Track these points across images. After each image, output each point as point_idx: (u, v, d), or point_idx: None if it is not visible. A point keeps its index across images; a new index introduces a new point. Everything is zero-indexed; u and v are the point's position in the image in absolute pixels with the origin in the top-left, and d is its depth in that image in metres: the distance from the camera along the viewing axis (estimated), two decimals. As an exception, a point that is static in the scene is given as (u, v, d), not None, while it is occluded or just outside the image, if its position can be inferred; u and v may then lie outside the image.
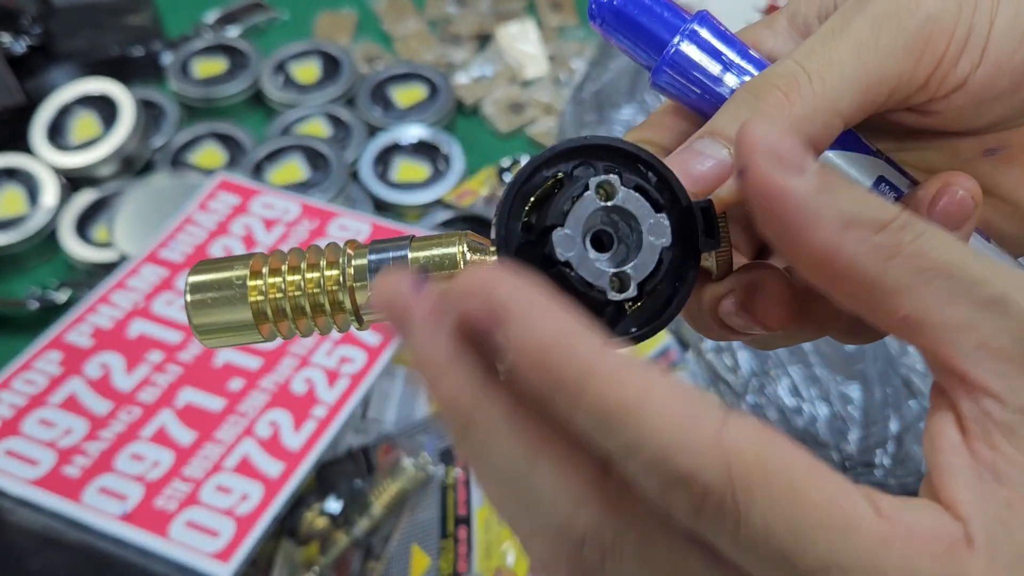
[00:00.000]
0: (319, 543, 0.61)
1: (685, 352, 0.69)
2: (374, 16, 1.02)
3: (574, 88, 0.84)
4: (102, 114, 0.87)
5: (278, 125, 0.89)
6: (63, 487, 0.59)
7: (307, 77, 0.93)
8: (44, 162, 0.84)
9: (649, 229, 0.24)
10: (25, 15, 0.95)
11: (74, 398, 0.64)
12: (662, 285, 0.25)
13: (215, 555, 0.56)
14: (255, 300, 0.26)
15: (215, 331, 0.26)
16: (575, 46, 0.96)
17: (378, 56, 0.97)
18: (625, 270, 0.24)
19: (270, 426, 0.62)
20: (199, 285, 0.26)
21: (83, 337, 0.67)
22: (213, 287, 0.26)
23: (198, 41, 0.97)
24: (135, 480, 0.59)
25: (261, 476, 0.60)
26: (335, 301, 0.26)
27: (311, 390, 0.64)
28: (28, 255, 0.81)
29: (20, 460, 0.60)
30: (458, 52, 0.97)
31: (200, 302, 0.26)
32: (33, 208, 0.82)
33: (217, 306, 0.26)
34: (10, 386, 0.64)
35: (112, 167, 0.85)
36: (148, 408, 0.63)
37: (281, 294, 0.26)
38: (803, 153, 0.21)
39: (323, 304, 0.26)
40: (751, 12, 0.94)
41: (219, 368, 0.65)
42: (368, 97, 0.91)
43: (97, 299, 0.69)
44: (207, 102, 0.92)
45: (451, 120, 0.90)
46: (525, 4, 1.01)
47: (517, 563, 0.60)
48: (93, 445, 0.61)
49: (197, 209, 0.75)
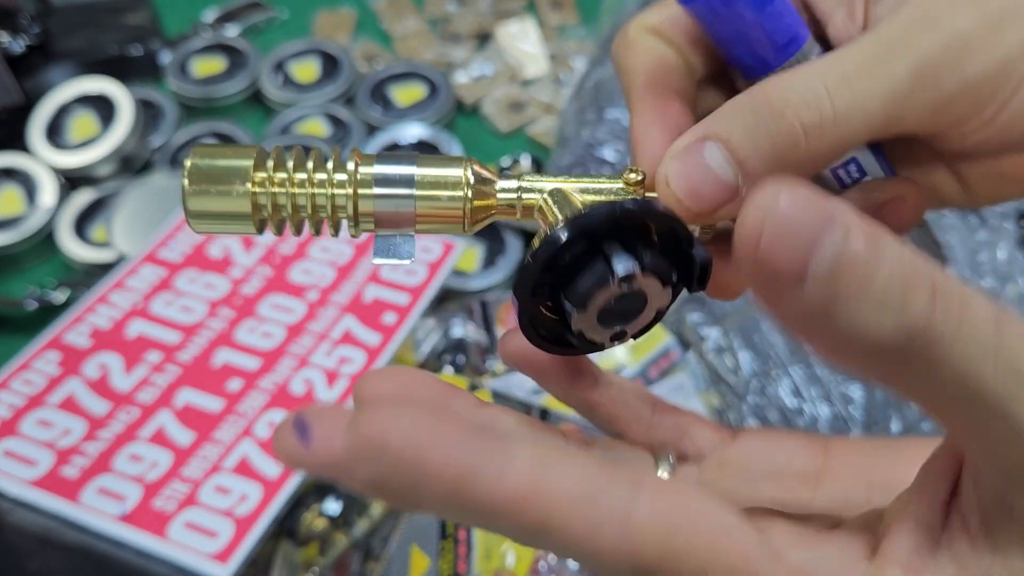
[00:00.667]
0: (318, 544, 0.61)
1: (686, 352, 0.69)
2: (373, 15, 1.01)
3: (574, 87, 0.83)
4: (100, 113, 0.87)
5: (277, 124, 0.88)
6: (61, 488, 0.59)
7: (306, 76, 0.93)
8: (42, 161, 0.84)
9: (654, 297, 0.25)
10: (23, 14, 0.95)
11: (72, 398, 0.63)
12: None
13: (214, 556, 0.56)
14: (255, 192, 0.26)
15: (208, 218, 0.26)
16: (575, 45, 0.96)
17: (377, 55, 0.97)
18: (624, 328, 0.26)
19: (269, 427, 0.62)
20: (198, 171, 0.26)
21: (81, 337, 0.67)
22: (213, 176, 0.26)
23: (197, 40, 0.96)
24: (134, 481, 0.59)
25: (260, 477, 0.59)
26: (336, 205, 0.26)
27: (310, 390, 0.64)
28: (26, 255, 0.81)
29: (18, 460, 0.60)
30: (458, 51, 0.96)
31: (198, 190, 0.26)
32: (31, 208, 0.82)
33: (215, 196, 0.26)
34: (8, 386, 0.64)
35: (111, 167, 0.85)
36: (147, 408, 0.63)
37: (283, 190, 0.26)
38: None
39: (324, 205, 0.26)
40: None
41: (218, 369, 0.65)
42: (367, 96, 0.91)
43: (96, 299, 0.69)
44: (206, 101, 0.92)
45: (451, 119, 0.90)
46: (525, 3, 1.00)
47: (517, 564, 0.60)
48: (91, 445, 0.61)
49: (196, 209, 0.75)
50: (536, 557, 0.58)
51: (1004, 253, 0.65)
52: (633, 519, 0.19)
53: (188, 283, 0.70)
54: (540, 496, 0.19)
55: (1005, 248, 0.65)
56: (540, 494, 0.19)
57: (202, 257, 0.72)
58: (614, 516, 0.19)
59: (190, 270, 0.71)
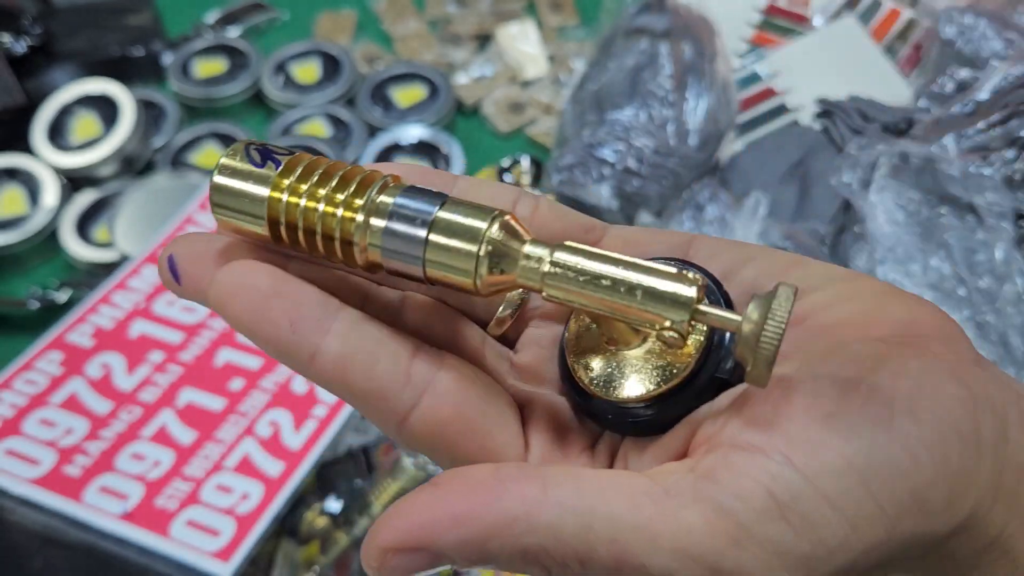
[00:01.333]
0: (319, 542, 0.61)
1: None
2: (374, 16, 1.02)
3: (573, 88, 0.84)
4: (102, 114, 0.87)
5: (278, 125, 0.89)
6: (64, 486, 0.59)
7: (307, 77, 0.93)
8: (45, 162, 0.84)
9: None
10: (25, 15, 0.95)
11: (75, 398, 0.64)
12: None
13: (216, 554, 0.56)
14: (272, 197, 0.24)
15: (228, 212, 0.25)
16: (575, 46, 0.96)
17: (378, 56, 0.97)
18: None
19: (270, 426, 0.62)
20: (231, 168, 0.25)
21: (84, 337, 0.67)
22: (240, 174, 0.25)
23: (198, 41, 0.97)
24: (136, 479, 0.60)
25: (262, 476, 0.60)
26: (347, 232, 0.24)
27: (312, 389, 0.64)
28: (29, 255, 0.81)
29: (21, 459, 0.61)
30: (458, 52, 0.97)
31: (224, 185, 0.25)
32: (33, 208, 0.82)
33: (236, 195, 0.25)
34: (11, 386, 0.64)
35: (113, 167, 0.86)
36: (149, 408, 0.63)
37: (298, 209, 0.24)
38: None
39: (335, 235, 0.24)
40: (751, 12, 0.94)
41: (220, 368, 0.65)
42: (368, 97, 0.91)
43: (98, 299, 0.69)
44: (207, 102, 0.92)
45: (451, 120, 0.91)
46: (525, 4, 1.01)
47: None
48: (94, 445, 0.61)
49: (198, 209, 0.75)
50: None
51: (1001, 253, 0.65)
52: (408, 421, 0.24)
53: (190, 283, 0.70)
54: (342, 384, 0.23)
55: (1002, 248, 0.65)
56: (340, 382, 0.23)
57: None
58: (396, 415, 0.24)
59: (192, 270, 0.71)
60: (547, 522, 0.21)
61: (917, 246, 0.66)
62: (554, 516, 0.21)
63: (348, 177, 0.25)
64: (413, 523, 0.21)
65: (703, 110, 0.76)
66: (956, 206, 0.68)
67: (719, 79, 0.78)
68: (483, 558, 0.21)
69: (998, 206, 0.66)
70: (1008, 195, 0.67)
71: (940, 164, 0.67)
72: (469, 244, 0.23)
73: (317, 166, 0.25)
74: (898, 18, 0.90)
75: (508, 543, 0.21)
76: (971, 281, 0.64)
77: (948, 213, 0.68)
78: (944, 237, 0.67)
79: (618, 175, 0.74)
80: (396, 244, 0.24)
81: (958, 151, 0.69)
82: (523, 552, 0.21)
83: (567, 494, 0.21)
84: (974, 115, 0.70)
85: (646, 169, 0.75)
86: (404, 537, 0.21)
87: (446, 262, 0.24)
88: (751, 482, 0.21)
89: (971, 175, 0.67)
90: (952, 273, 0.65)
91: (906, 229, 0.67)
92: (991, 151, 0.68)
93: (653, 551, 0.21)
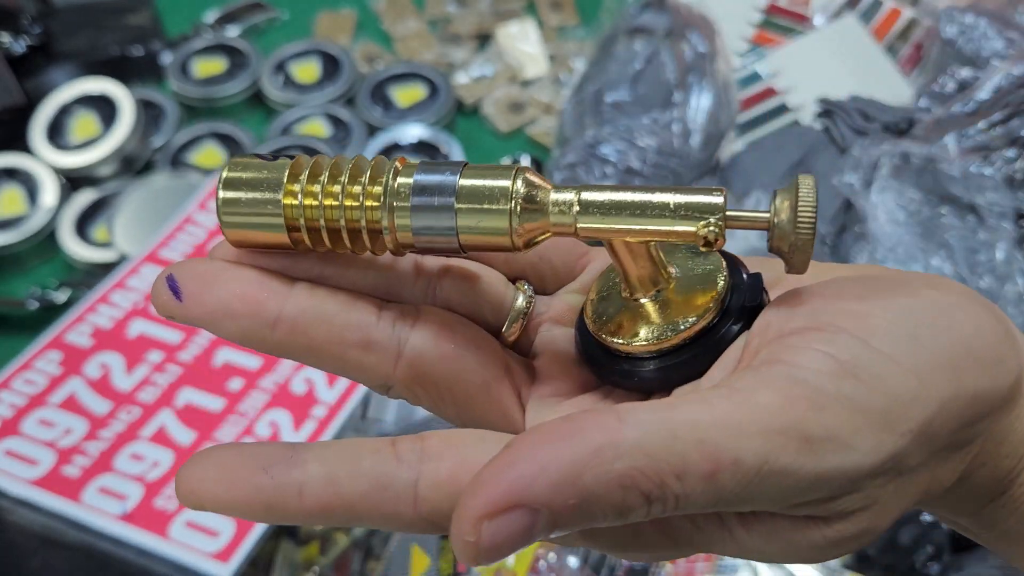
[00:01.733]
0: (319, 543, 0.61)
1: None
2: (374, 16, 1.01)
3: (574, 88, 0.84)
4: (102, 114, 0.87)
5: (278, 125, 0.89)
6: (63, 487, 0.59)
7: (307, 77, 0.93)
8: (44, 162, 0.84)
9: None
10: (25, 15, 0.95)
11: (74, 398, 0.64)
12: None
13: (215, 555, 0.56)
14: (288, 204, 0.24)
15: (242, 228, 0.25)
16: (575, 46, 0.96)
17: (378, 56, 0.97)
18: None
19: (270, 426, 0.62)
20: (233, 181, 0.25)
21: (83, 337, 0.67)
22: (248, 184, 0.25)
23: (198, 41, 0.97)
24: (135, 480, 0.59)
25: (261, 476, 0.59)
26: (373, 220, 0.24)
27: (311, 390, 0.64)
28: (28, 255, 0.81)
29: (20, 460, 0.60)
30: (458, 52, 0.97)
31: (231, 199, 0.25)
32: (33, 208, 0.82)
33: (247, 207, 0.25)
34: (10, 386, 0.64)
35: (112, 167, 0.85)
36: (148, 408, 0.63)
37: (317, 209, 0.24)
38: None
39: (361, 226, 0.24)
40: (752, 12, 0.94)
41: (219, 368, 0.65)
42: (368, 97, 0.91)
43: (97, 299, 0.69)
44: (207, 102, 0.92)
45: (451, 120, 0.90)
46: (525, 4, 1.01)
47: (517, 564, 0.60)
48: (93, 445, 0.61)
49: (197, 209, 0.75)
50: (536, 557, 0.58)
51: (1002, 253, 0.65)
52: (419, 496, 0.22)
53: (189, 283, 0.70)
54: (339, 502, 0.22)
55: (1003, 248, 0.65)
56: (337, 500, 0.22)
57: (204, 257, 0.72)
58: (405, 497, 0.22)
59: (191, 270, 0.71)
60: (633, 441, 0.20)
61: (918, 246, 0.66)
62: (638, 434, 0.20)
63: (357, 169, 0.25)
64: (500, 483, 0.20)
65: (704, 110, 0.76)
66: (957, 206, 0.67)
67: (720, 78, 0.78)
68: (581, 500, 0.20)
69: (999, 206, 0.66)
70: (1009, 195, 0.66)
71: (941, 164, 0.67)
72: (500, 204, 0.24)
73: (323, 164, 0.25)
74: (899, 17, 0.90)
75: (601, 473, 0.20)
76: (972, 281, 0.64)
77: (949, 213, 0.67)
78: (945, 237, 0.66)
79: (620, 174, 0.74)
80: (426, 221, 0.24)
81: (959, 151, 0.69)
82: (619, 480, 0.20)
83: (643, 415, 0.21)
84: (975, 115, 0.70)
85: (648, 168, 0.74)
86: (495, 499, 0.20)
87: (480, 225, 0.24)
88: (812, 352, 0.21)
89: (972, 175, 0.67)
90: (953, 273, 0.65)
91: (907, 229, 0.66)
92: (992, 151, 0.68)
93: (741, 439, 0.20)
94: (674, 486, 0.20)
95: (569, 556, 0.57)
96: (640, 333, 0.25)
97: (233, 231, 0.25)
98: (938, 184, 0.67)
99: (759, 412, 0.21)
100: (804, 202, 0.23)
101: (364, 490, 0.22)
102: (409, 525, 0.23)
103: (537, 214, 0.24)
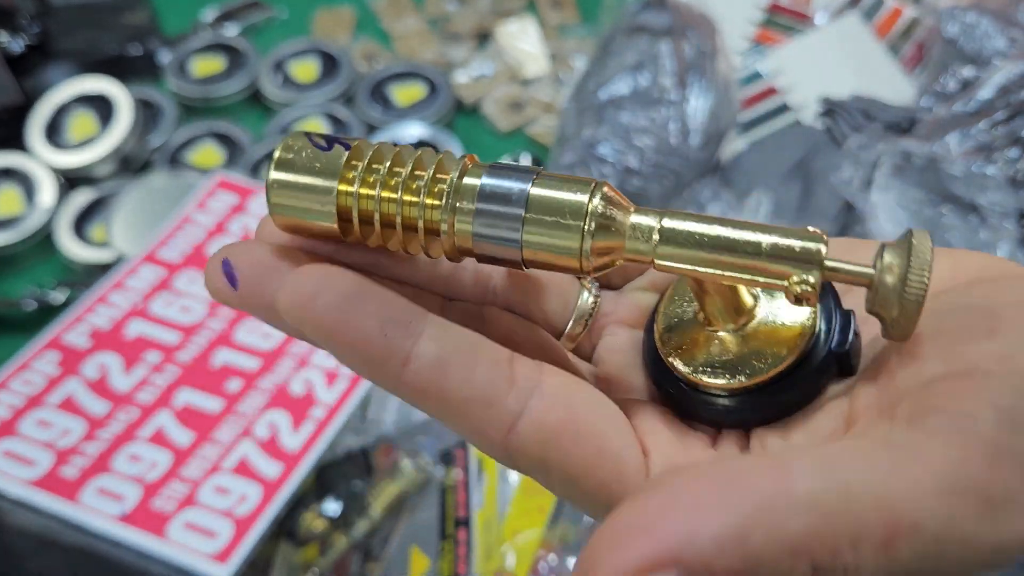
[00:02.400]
0: (318, 545, 0.61)
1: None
2: (373, 14, 1.01)
3: (573, 86, 0.83)
4: (99, 113, 0.86)
5: (277, 124, 0.88)
6: (61, 488, 0.59)
7: (306, 76, 0.93)
8: (41, 161, 0.84)
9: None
10: (22, 14, 0.95)
11: (72, 399, 0.63)
12: None
13: (213, 556, 0.56)
14: (341, 191, 0.22)
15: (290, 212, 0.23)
16: (576, 44, 0.96)
17: (377, 54, 0.97)
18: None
19: (269, 427, 0.62)
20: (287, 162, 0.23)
21: (81, 337, 0.67)
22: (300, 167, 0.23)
23: (196, 40, 0.96)
24: (133, 481, 0.59)
25: (260, 477, 0.59)
26: (431, 220, 0.22)
27: (310, 391, 0.63)
28: (25, 255, 0.81)
29: (17, 461, 0.60)
30: (458, 50, 0.96)
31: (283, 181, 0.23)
32: (30, 208, 0.82)
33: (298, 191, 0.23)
34: (7, 387, 0.64)
35: (110, 166, 0.85)
36: (146, 409, 0.63)
37: (373, 200, 0.22)
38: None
39: (418, 224, 0.22)
40: (753, 10, 0.93)
41: (217, 369, 0.65)
42: (367, 96, 0.90)
43: (95, 299, 0.69)
44: (205, 101, 0.92)
45: (451, 119, 0.90)
46: (525, 2, 1.00)
47: (517, 565, 0.60)
48: (91, 446, 0.61)
49: (195, 208, 0.75)
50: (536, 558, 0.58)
51: (1004, 253, 0.64)
52: (517, 428, 0.21)
53: (188, 283, 0.70)
54: (438, 391, 0.21)
55: (1005, 248, 0.65)
56: (436, 391, 0.21)
57: (201, 257, 0.71)
58: (502, 423, 0.21)
59: (189, 270, 0.71)
60: (808, 498, 0.17)
61: (920, 246, 0.66)
62: (813, 490, 0.17)
63: (422, 163, 0.23)
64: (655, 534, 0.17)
65: (705, 109, 0.76)
66: (959, 205, 0.67)
67: (721, 77, 0.78)
68: (745, 560, 0.17)
69: (1001, 206, 0.66)
70: (1011, 194, 0.66)
71: (943, 163, 0.67)
72: (573, 220, 0.21)
73: (385, 153, 0.23)
74: (901, 16, 0.89)
75: (774, 531, 0.17)
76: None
77: (950, 213, 0.67)
78: (946, 237, 0.66)
79: (619, 174, 0.74)
80: (489, 228, 0.22)
81: (961, 150, 0.68)
82: (791, 542, 0.17)
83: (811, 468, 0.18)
84: (977, 114, 0.70)
85: (647, 168, 0.74)
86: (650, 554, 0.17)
87: (548, 242, 0.22)
88: (973, 399, 0.19)
89: (974, 174, 0.67)
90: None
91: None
92: (994, 150, 0.68)
93: (921, 501, 0.17)
94: (847, 555, 0.17)
95: (569, 558, 0.57)
96: (715, 366, 0.23)
97: (281, 216, 0.23)
98: (940, 183, 0.67)
99: (935, 469, 0.18)
100: (917, 262, 0.20)
101: (467, 396, 0.21)
102: (489, 446, 0.21)
103: (613, 237, 0.22)
